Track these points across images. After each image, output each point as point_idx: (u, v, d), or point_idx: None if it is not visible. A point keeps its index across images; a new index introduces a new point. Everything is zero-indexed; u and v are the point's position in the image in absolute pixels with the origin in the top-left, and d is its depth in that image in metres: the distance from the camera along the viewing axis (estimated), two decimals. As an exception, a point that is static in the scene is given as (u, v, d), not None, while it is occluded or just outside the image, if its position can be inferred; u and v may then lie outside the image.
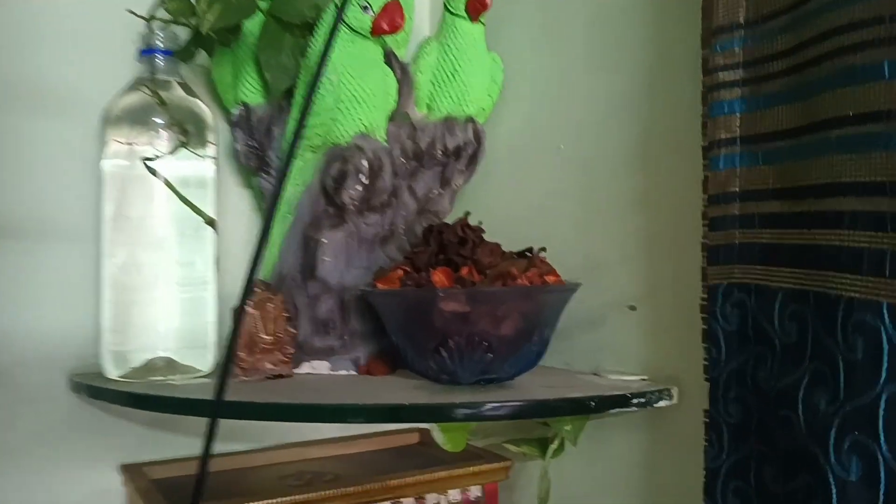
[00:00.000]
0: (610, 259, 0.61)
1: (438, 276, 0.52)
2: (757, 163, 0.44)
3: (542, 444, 0.63)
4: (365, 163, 0.60)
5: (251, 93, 0.66)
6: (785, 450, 0.39)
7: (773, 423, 0.40)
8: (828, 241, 0.37)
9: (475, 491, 0.66)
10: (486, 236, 0.59)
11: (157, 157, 0.59)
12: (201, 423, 0.68)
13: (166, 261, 0.60)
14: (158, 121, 0.59)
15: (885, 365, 0.34)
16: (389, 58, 0.65)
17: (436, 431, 0.67)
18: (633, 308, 0.58)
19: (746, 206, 0.44)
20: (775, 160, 0.42)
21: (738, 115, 0.45)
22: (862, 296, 0.35)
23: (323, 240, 0.61)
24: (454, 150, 0.69)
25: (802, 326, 0.39)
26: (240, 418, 0.53)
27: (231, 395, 0.52)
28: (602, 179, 0.62)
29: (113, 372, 0.59)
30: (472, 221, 0.59)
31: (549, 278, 0.54)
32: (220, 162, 0.64)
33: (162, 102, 0.59)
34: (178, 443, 0.68)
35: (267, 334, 0.59)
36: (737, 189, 0.45)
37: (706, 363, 0.48)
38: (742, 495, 0.43)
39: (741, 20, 0.44)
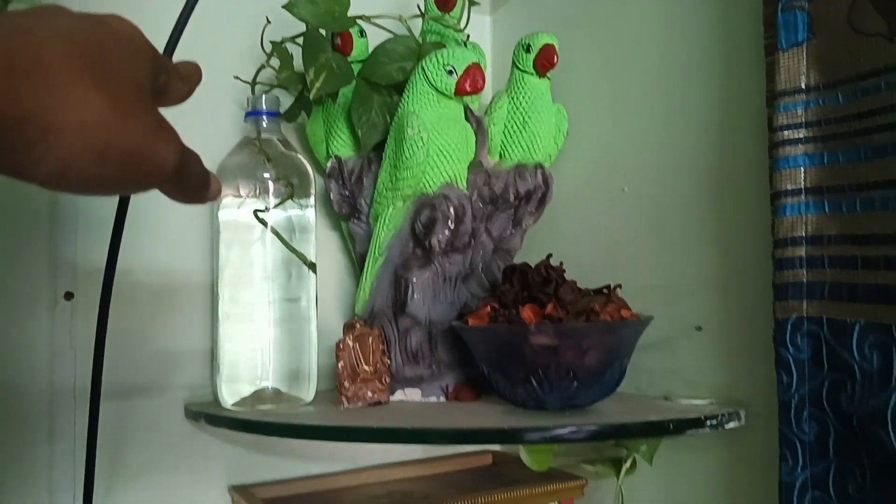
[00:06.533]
0: (680, 290, 0.66)
1: (527, 313, 0.58)
2: (823, 211, 0.49)
3: (616, 464, 0.69)
4: (452, 210, 0.67)
5: (343, 147, 0.73)
6: (873, 463, 0.44)
7: (857, 440, 0.45)
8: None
9: (552, 508, 0.72)
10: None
11: (267, 209, 0.66)
12: (304, 446, 0.75)
13: (275, 299, 0.67)
14: (267, 175, 0.66)
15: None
16: (466, 112, 0.72)
17: (522, 452, 0.73)
18: (699, 329, 0.63)
19: (814, 249, 0.50)
20: (843, 210, 0.48)
21: (802, 168, 0.51)
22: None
23: (413, 279, 0.68)
24: (525, 194, 0.75)
25: (885, 354, 0.45)
26: (350, 440, 0.59)
27: (338, 421, 0.59)
28: (670, 219, 0.68)
29: (227, 401, 0.66)
30: (552, 261, 0.65)
31: (625, 313, 0.60)
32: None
33: (269, 159, 0.66)
34: (282, 466, 0.75)
35: (367, 365, 0.65)
36: (803, 234, 0.51)
37: (778, 387, 0.53)
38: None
39: (803, 85, 0.50)
